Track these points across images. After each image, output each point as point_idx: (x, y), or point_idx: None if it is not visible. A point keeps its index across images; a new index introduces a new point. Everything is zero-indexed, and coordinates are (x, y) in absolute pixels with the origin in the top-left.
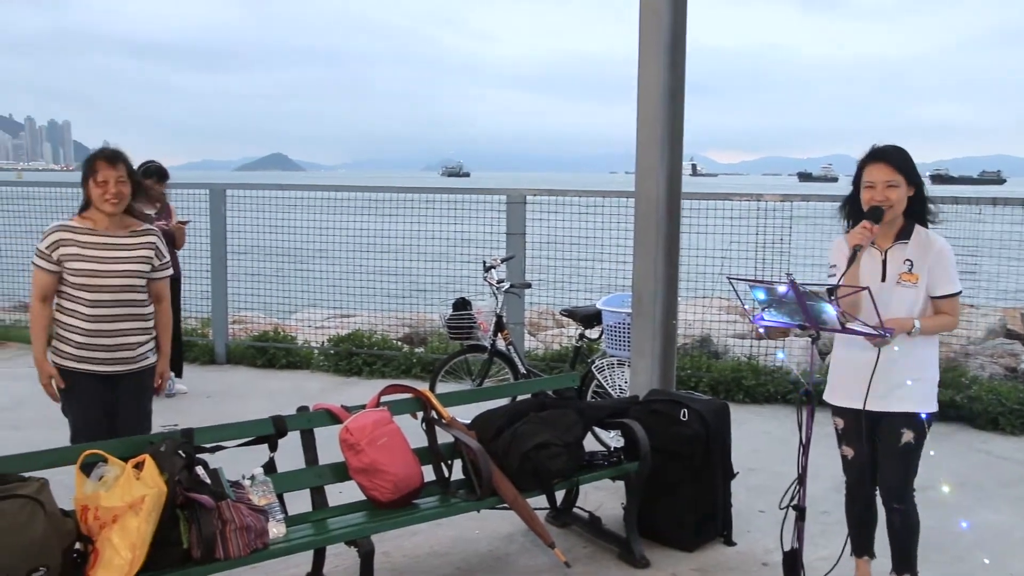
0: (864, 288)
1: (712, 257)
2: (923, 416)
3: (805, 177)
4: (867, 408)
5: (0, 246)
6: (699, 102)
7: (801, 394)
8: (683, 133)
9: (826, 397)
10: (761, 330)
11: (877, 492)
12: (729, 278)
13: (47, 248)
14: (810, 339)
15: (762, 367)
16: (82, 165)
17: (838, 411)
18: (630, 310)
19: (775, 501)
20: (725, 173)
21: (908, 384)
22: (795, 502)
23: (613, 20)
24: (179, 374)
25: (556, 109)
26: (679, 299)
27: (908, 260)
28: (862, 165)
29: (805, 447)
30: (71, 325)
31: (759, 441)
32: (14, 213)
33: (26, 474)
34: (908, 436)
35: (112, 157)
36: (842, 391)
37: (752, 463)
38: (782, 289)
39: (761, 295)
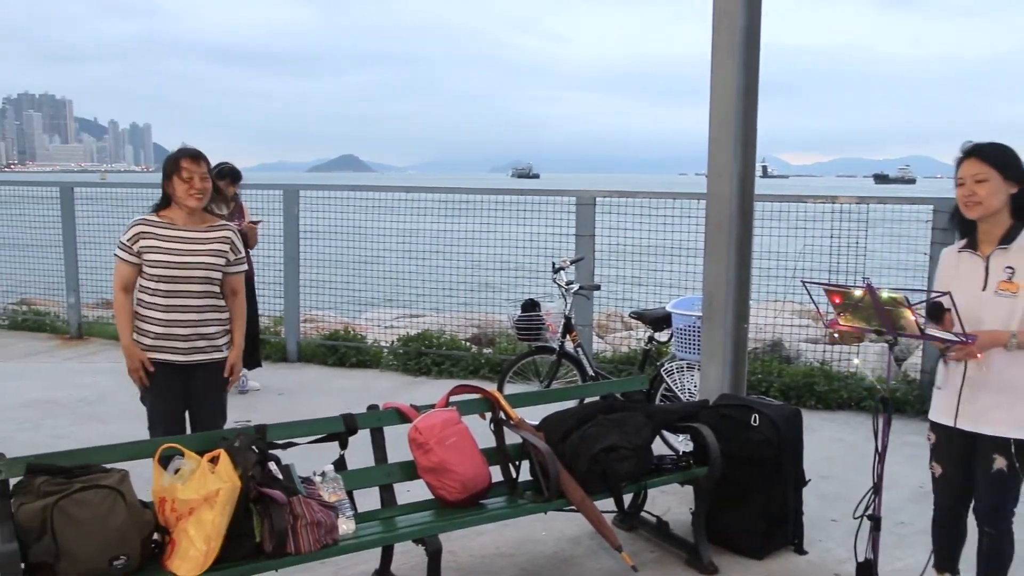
0: (945, 293)
1: (784, 260)
2: (1018, 441)
3: (881, 179)
4: (959, 427)
5: (85, 245)
6: (772, 103)
7: (877, 400)
8: (756, 134)
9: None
10: (835, 335)
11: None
12: (804, 282)
13: (128, 240)
14: (886, 345)
15: (835, 372)
16: (165, 163)
17: (933, 425)
18: (700, 313)
19: (848, 510)
20: (797, 175)
21: (1003, 405)
22: (870, 511)
23: (685, 21)
24: (257, 365)
25: (627, 111)
26: (750, 302)
27: (1009, 267)
28: (956, 164)
29: (881, 455)
30: (149, 316)
31: (832, 448)
32: (98, 213)
33: (108, 465)
34: (1000, 463)
35: (196, 155)
36: (938, 405)
37: (824, 470)
38: (858, 293)
39: (837, 299)
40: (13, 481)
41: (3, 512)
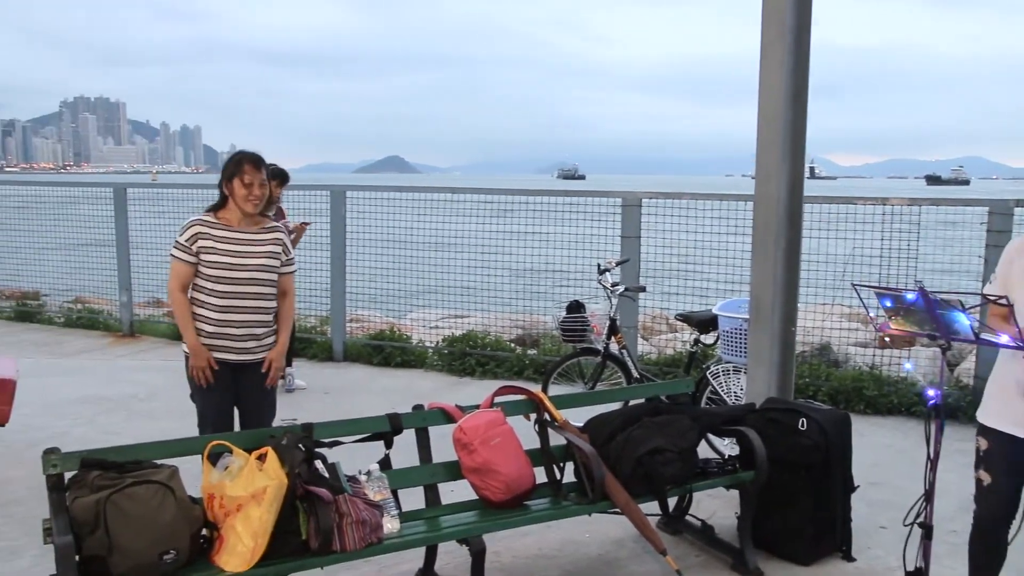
0: (1002, 297)
1: (833, 263)
2: None
3: (934, 180)
4: (1014, 433)
5: (136, 244)
6: (821, 102)
7: (929, 406)
8: (805, 135)
9: (978, 413)
10: (887, 339)
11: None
12: (854, 285)
13: (187, 240)
14: (940, 349)
15: (885, 377)
16: (226, 164)
17: (983, 430)
18: (747, 315)
19: (898, 517)
20: (846, 176)
21: None
22: (921, 519)
23: (732, 21)
24: (289, 364)
25: (673, 112)
26: (798, 305)
27: None
28: None
29: (933, 462)
30: (202, 315)
31: (881, 454)
32: (150, 213)
33: (158, 461)
34: None
35: (258, 161)
36: (991, 409)
37: (874, 477)
38: (911, 297)
39: (888, 303)
40: (68, 475)
41: (59, 505)
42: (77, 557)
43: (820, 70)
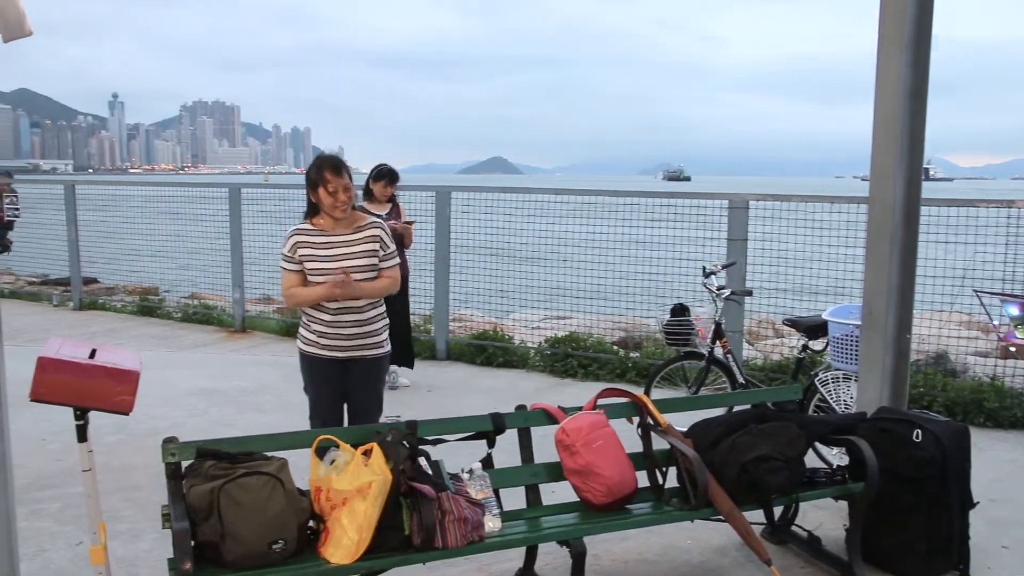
0: None
1: (952, 268)
2: None
3: None
4: None
5: (249, 242)
6: (938, 100)
7: None
8: (924, 135)
9: None
10: (1011, 348)
11: None
12: (976, 291)
13: (289, 251)
14: None
15: (1008, 389)
16: (308, 172)
17: None
18: (859, 321)
19: (1022, 537)
20: (964, 177)
21: None
22: None
23: (843, 19)
24: (411, 366)
25: (781, 113)
26: (913, 312)
27: None
28: None
29: None
30: (314, 317)
31: (1003, 470)
32: (261, 213)
33: (269, 453)
34: None
35: (337, 167)
36: None
37: (994, 494)
38: None
39: (1015, 311)
40: (185, 464)
41: (176, 492)
42: (192, 542)
43: (937, 66)
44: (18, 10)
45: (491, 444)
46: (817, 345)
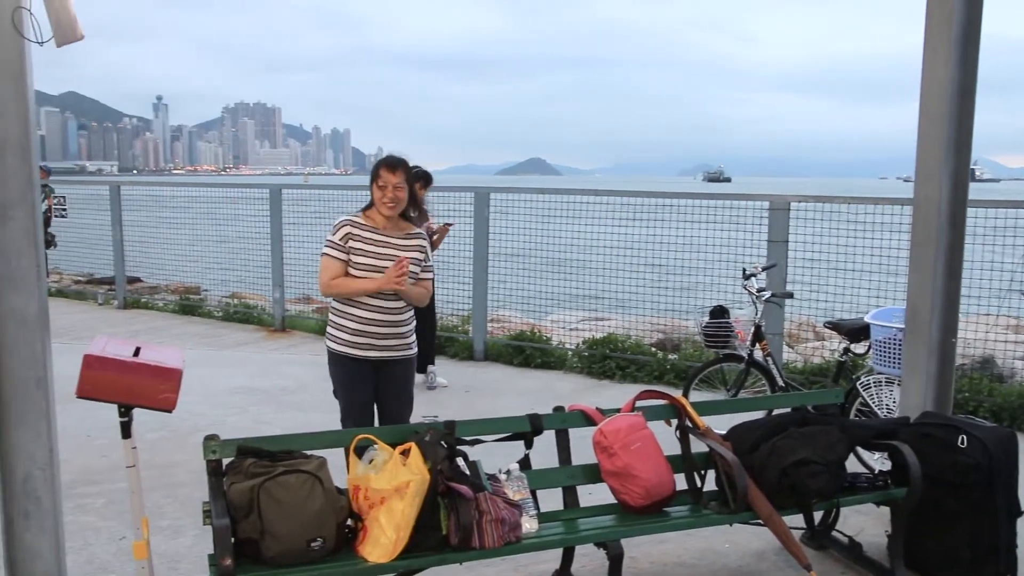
0: None
1: (999, 271)
2: None
3: None
4: None
5: (289, 242)
6: (984, 99)
7: None
8: (971, 135)
9: None
10: None
11: None
12: None
13: (340, 239)
14: None
15: None
16: (373, 167)
17: None
18: (902, 325)
19: None
20: (1012, 178)
21: None
22: None
23: (884, 17)
24: (431, 362)
25: (822, 113)
26: (959, 315)
27: None
28: None
29: None
30: (348, 313)
31: None
32: (301, 213)
33: (308, 452)
34: None
35: (393, 164)
36: None
37: None
38: None
39: None
40: (226, 461)
41: (217, 489)
42: (232, 539)
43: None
44: (70, 15)
45: (528, 445)
46: (859, 348)
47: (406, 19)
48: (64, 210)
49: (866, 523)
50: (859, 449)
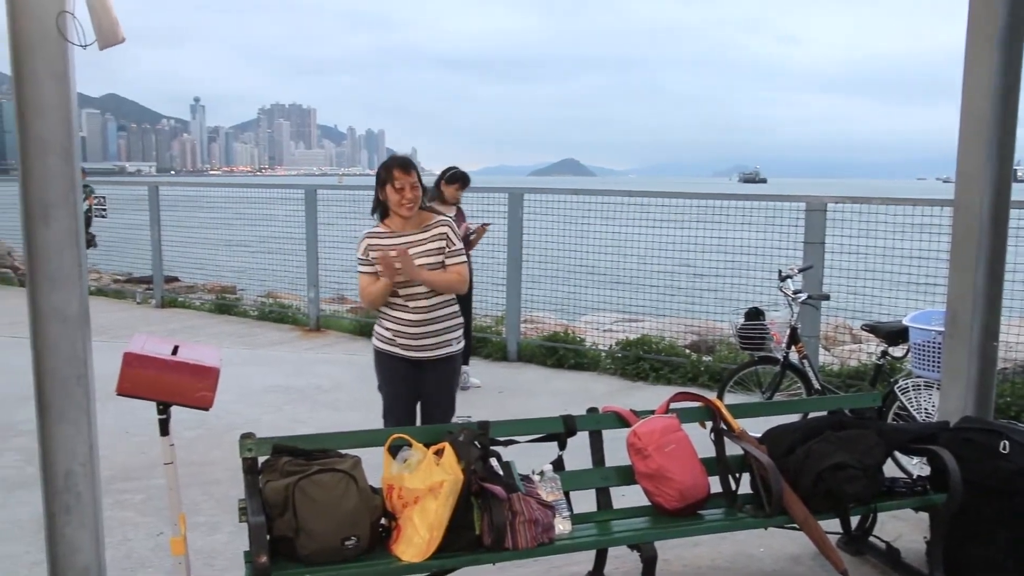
0: None
1: None
2: None
3: None
4: None
5: (324, 242)
6: None
7: None
8: (1015, 136)
9: None
10: None
11: None
12: None
13: (362, 254)
14: None
15: None
16: (378, 171)
17: None
18: (942, 328)
19: None
20: None
21: None
22: None
23: (925, 15)
24: (466, 363)
25: (860, 113)
26: (1000, 318)
27: None
28: None
29: None
30: (386, 314)
31: None
32: (335, 214)
33: (342, 450)
34: None
35: (406, 165)
36: None
37: None
38: None
39: None
40: (261, 459)
41: (253, 487)
42: (268, 536)
43: None
44: (111, 18)
45: (562, 446)
46: (897, 351)
47: (441, 21)
48: (104, 210)
49: (904, 529)
50: (897, 454)
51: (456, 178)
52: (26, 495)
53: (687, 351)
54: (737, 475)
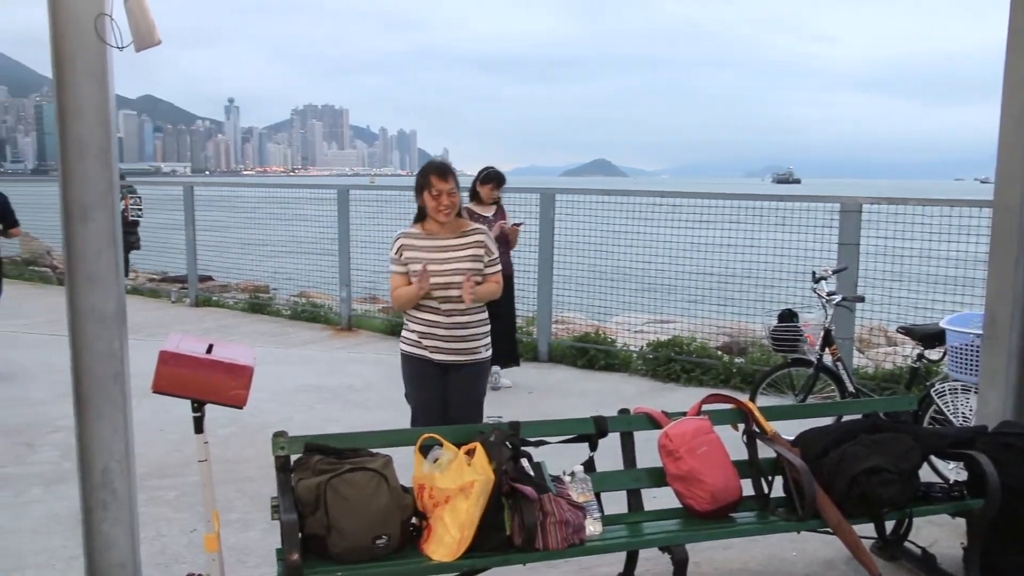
0: None
1: None
2: None
3: None
4: None
5: (356, 242)
6: None
7: None
8: None
9: None
10: None
11: None
12: None
13: (396, 254)
14: None
15: None
16: (417, 177)
17: None
18: (980, 331)
19: None
20: None
21: None
22: None
23: (962, 15)
24: (517, 363)
25: (895, 113)
26: None
27: None
28: None
29: None
30: (414, 317)
31: None
32: (367, 214)
33: (373, 450)
34: None
35: (443, 171)
36: None
37: None
38: None
39: None
40: (293, 458)
41: (285, 485)
42: (300, 534)
43: None
44: (148, 20)
45: (593, 447)
46: (933, 354)
47: (472, 22)
48: (140, 210)
49: (940, 535)
50: (933, 458)
51: (490, 178)
52: (64, 490)
53: (719, 353)
54: (769, 478)
